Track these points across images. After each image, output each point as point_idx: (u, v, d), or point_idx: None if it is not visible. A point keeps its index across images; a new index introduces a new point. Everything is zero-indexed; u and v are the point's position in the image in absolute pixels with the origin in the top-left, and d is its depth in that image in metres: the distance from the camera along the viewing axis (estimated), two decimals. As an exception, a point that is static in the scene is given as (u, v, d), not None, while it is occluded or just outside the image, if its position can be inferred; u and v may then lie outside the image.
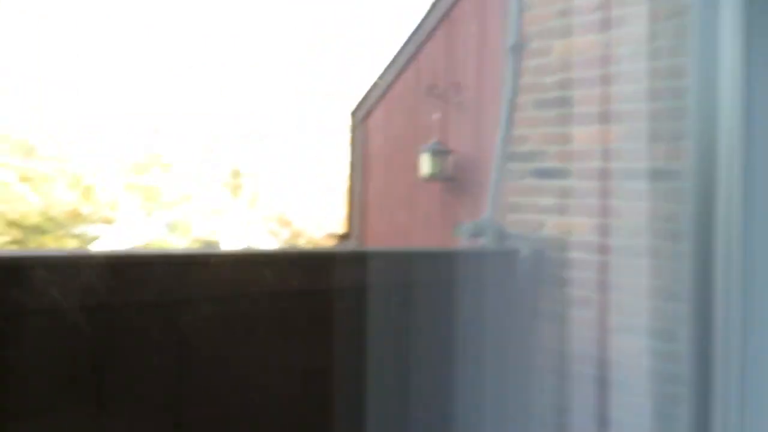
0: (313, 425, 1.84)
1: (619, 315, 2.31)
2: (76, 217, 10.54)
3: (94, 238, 10.77)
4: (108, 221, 10.88)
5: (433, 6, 4.51)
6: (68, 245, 10.50)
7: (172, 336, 1.52)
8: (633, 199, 2.31)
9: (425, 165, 3.83)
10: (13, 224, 9.93)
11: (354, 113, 5.14)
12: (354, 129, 5.15)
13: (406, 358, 2.08)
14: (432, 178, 3.81)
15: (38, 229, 10.12)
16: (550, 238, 2.55)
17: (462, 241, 2.78)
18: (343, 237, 5.33)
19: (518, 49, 2.70)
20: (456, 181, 3.83)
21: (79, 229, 10.71)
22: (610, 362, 2.31)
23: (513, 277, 2.58)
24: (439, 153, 3.77)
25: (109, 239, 10.75)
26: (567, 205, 2.51)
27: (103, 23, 12.40)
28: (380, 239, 4.75)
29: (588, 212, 2.44)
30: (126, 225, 10.92)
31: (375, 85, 4.87)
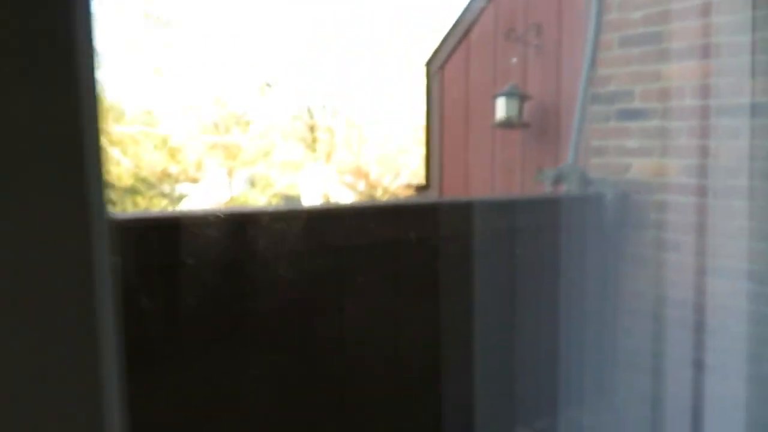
0: (426, 366, 1.94)
1: (712, 258, 2.24)
2: (165, 177, 11.03)
3: (183, 197, 11.26)
4: (194, 180, 11.33)
5: (508, -55, 4.34)
6: (158, 205, 11.03)
7: (302, 283, 1.63)
8: (729, 137, 2.21)
9: (499, 109, 3.75)
10: (108, 186, 10.47)
11: (429, 62, 5.08)
12: (429, 78, 5.10)
13: (507, 301, 2.14)
14: (509, 124, 3.74)
15: (131, 190, 10.68)
16: (636, 181, 2.48)
17: (544, 188, 2.75)
18: (421, 187, 5.35)
19: (602, -15, 2.59)
20: (536, 127, 3.76)
21: (168, 189, 11.21)
22: (702, 305, 2.26)
23: (598, 222, 2.54)
24: (517, 98, 3.68)
25: (196, 197, 11.21)
26: (655, 146, 2.42)
27: (178, -14, 12.65)
28: (458, 189, 4.74)
29: (679, 153, 2.35)
30: (210, 183, 11.35)
31: (450, 32, 4.78)
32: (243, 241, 1.48)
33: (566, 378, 2.32)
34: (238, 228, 1.47)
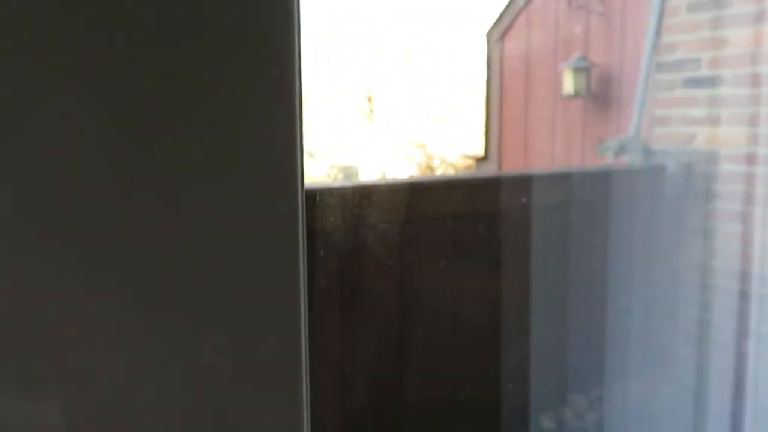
0: (487, 335, 2.01)
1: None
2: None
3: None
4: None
5: None
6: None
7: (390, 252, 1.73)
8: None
9: (567, 82, 3.70)
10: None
11: (490, 33, 5.03)
12: (490, 49, 5.05)
13: (567, 273, 2.17)
14: (575, 94, 3.69)
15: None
16: (699, 151, 2.43)
17: (606, 160, 2.73)
18: (481, 159, 5.34)
19: (669, -52, 2.52)
20: (599, 97, 3.69)
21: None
22: (762, 277, 2.22)
23: (661, 194, 2.51)
24: (582, 69, 3.62)
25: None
26: (721, 115, 2.37)
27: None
28: (517, 160, 4.71)
29: (744, 121, 2.29)
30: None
31: (511, 1, 4.72)
32: (357, 211, 1.60)
33: (623, 348, 2.33)
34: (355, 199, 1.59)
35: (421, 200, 1.78)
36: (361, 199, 1.57)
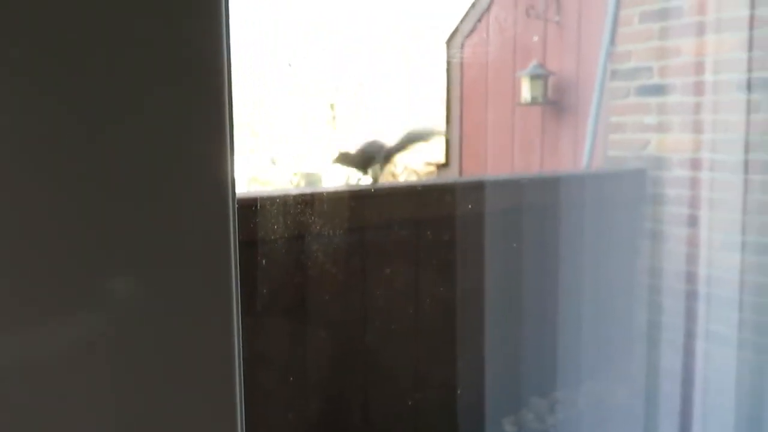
0: (440, 340, 2.02)
1: (726, 232, 2.27)
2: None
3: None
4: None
5: None
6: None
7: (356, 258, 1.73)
8: (742, 111, 2.22)
9: (525, 89, 3.77)
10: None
11: (449, 41, 5.09)
12: (450, 57, 5.11)
13: (523, 278, 2.20)
14: (532, 101, 3.76)
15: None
16: (653, 157, 2.51)
17: (564, 165, 2.78)
18: (442, 165, 5.38)
19: (621, -40, 2.59)
20: (557, 104, 3.76)
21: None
22: (717, 279, 2.29)
23: (616, 198, 2.57)
24: (539, 76, 3.70)
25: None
26: (672, 122, 2.44)
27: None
28: (477, 166, 4.76)
29: (694, 128, 2.37)
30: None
31: (470, 10, 4.78)
32: (301, 219, 1.58)
33: (579, 350, 2.37)
34: (298, 207, 1.57)
35: (366, 207, 1.78)
36: (304, 206, 1.57)
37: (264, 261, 1.46)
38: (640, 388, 2.49)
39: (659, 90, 2.48)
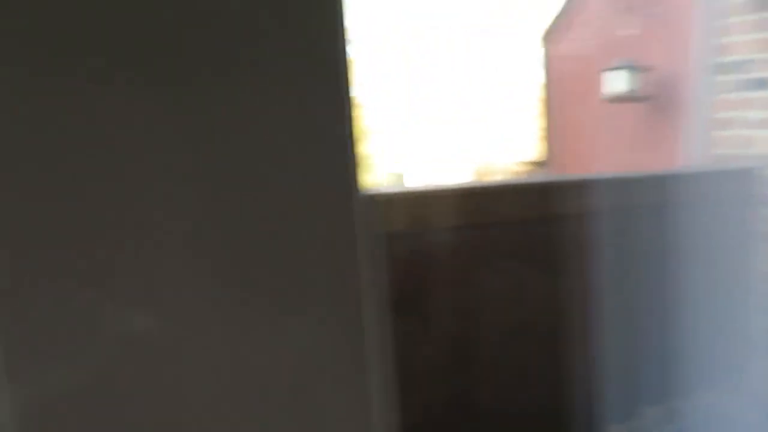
0: (547, 344, 2.02)
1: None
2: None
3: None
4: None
5: None
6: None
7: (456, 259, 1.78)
8: None
9: (613, 85, 3.66)
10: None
11: (545, 37, 5.01)
12: (546, 53, 5.03)
13: (632, 281, 2.16)
14: (626, 97, 3.64)
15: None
16: (759, 154, 2.38)
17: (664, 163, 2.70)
18: (538, 164, 5.31)
19: (723, -51, 2.48)
20: (657, 100, 3.63)
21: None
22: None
23: (723, 198, 2.47)
24: (633, 70, 3.58)
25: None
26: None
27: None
28: (576, 165, 4.66)
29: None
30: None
31: (566, 6, 4.69)
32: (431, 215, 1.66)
33: (697, 358, 2.29)
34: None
35: (484, 205, 1.79)
36: (424, 202, 1.63)
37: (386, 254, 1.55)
38: (759, 400, 2.37)
39: (764, 84, 2.36)
